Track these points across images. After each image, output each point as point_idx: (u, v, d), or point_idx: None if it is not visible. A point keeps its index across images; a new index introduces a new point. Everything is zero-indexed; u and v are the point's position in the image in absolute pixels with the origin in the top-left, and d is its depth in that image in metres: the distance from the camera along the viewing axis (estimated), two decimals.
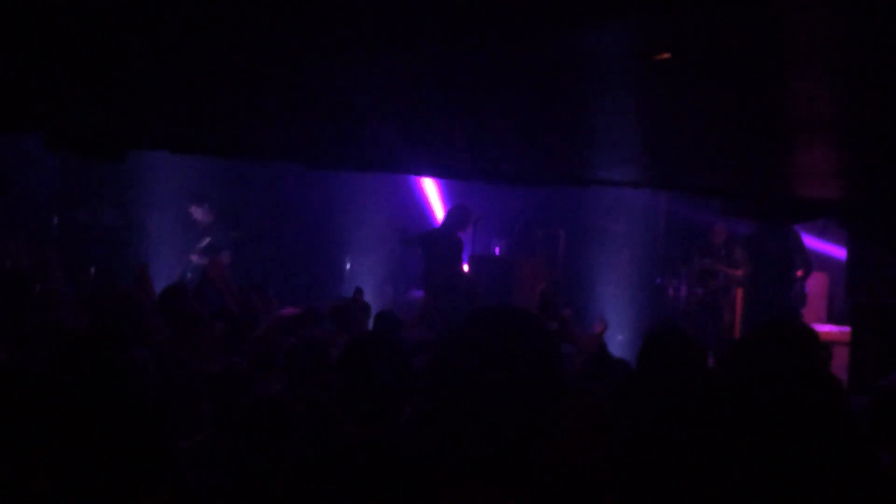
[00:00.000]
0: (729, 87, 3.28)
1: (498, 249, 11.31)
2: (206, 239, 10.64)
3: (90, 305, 5.82)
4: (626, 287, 11.60)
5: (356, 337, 3.36)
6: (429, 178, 11.57)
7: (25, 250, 8.07)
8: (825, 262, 10.38)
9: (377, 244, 11.74)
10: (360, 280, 10.17)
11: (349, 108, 4.24)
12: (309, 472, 2.68)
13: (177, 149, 6.39)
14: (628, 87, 3.41)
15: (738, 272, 9.84)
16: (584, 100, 3.78)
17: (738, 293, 10.02)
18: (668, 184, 8.06)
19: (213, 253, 9.46)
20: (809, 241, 9.71)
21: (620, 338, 10.26)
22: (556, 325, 5.90)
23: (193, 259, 10.44)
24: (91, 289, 8.42)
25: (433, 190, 12.17)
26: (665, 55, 2.74)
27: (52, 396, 2.40)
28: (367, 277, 11.32)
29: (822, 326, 9.15)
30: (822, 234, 10.52)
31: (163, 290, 6.01)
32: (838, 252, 10.01)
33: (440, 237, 9.13)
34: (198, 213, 10.82)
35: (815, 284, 9.81)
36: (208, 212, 10.81)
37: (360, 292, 6.93)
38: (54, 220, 10.27)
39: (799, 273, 9.33)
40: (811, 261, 9.46)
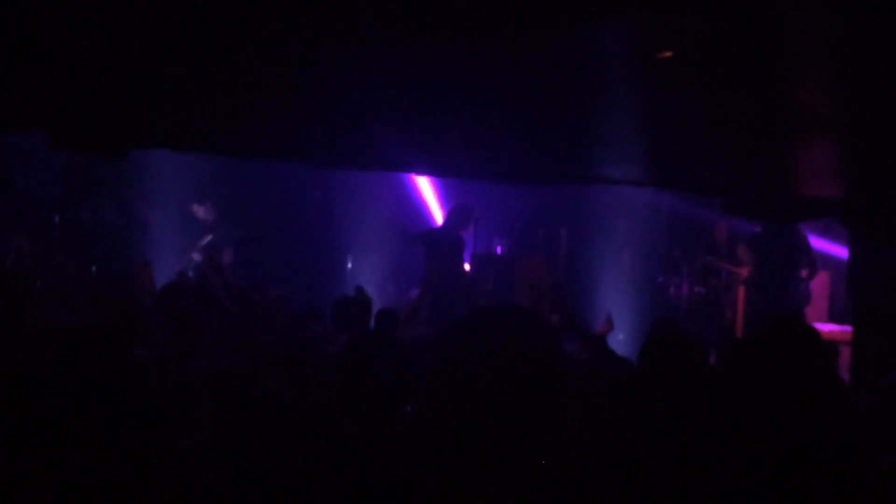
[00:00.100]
0: (730, 85, 3.28)
1: (499, 248, 11.30)
2: (208, 237, 10.64)
3: (91, 304, 5.82)
4: (628, 285, 11.59)
5: (356, 337, 3.36)
6: (428, 177, 11.55)
7: (27, 248, 8.07)
8: (827, 261, 10.36)
9: (379, 243, 11.73)
10: (362, 279, 10.16)
11: (350, 108, 4.24)
12: (309, 472, 2.68)
13: (178, 147, 6.39)
14: (629, 86, 3.40)
15: (743, 271, 9.81)
16: (586, 99, 3.78)
17: (740, 292, 10.00)
18: (669, 182, 8.05)
19: (211, 250, 9.44)
20: (811, 240, 9.68)
21: (622, 336, 10.24)
22: (559, 319, 5.87)
23: (195, 257, 10.42)
24: (92, 287, 8.41)
25: (429, 190, 12.16)
26: (667, 53, 2.74)
27: (52, 396, 2.40)
28: (369, 276, 11.30)
29: (824, 325, 9.13)
30: (824, 233, 10.50)
31: (162, 289, 6.01)
32: (840, 251, 9.99)
33: (442, 236, 9.12)
34: (200, 211, 10.83)
35: (816, 283, 9.79)
36: (210, 210, 10.82)
37: (361, 290, 6.92)
38: (56, 218, 10.26)
39: (804, 273, 9.31)
40: (816, 261, 9.43)
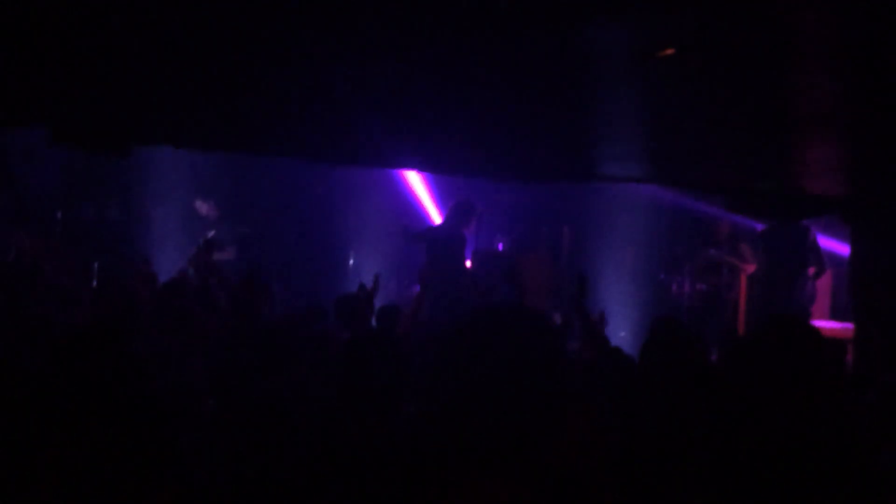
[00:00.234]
0: (732, 84, 3.28)
1: (501, 245, 11.29)
2: (211, 234, 10.64)
3: (92, 301, 5.81)
4: (630, 283, 11.57)
5: (357, 336, 3.36)
6: (427, 174, 11.53)
7: (28, 245, 8.07)
8: (829, 259, 10.34)
9: (381, 239, 11.72)
10: (364, 275, 10.15)
11: (352, 107, 4.24)
12: (309, 471, 2.68)
13: (179, 144, 6.40)
14: (632, 84, 3.40)
15: (748, 267, 9.78)
16: (588, 98, 3.78)
17: (742, 289, 9.98)
18: (672, 180, 8.05)
19: (211, 246, 9.40)
20: None
21: (623, 334, 10.24)
22: (561, 318, 5.86)
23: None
24: (94, 284, 8.41)
25: (423, 190, 12.12)
26: (669, 51, 2.74)
27: (53, 393, 2.40)
28: (371, 273, 11.27)
29: (826, 323, 9.12)
30: (826, 230, 10.48)
31: (162, 286, 6.00)
32: (841, 249, 9.97)
33: (443, 233, 9.10)
34: (203, 208, 10.83)
35: (818, 281, 9.77)
36: (213, 207, 10.81)
37: (363, 288, 6.92)
38: (58, 215, 10.27)
39: (811, 271, 9.27)
40: (825, 260, 9.39)
